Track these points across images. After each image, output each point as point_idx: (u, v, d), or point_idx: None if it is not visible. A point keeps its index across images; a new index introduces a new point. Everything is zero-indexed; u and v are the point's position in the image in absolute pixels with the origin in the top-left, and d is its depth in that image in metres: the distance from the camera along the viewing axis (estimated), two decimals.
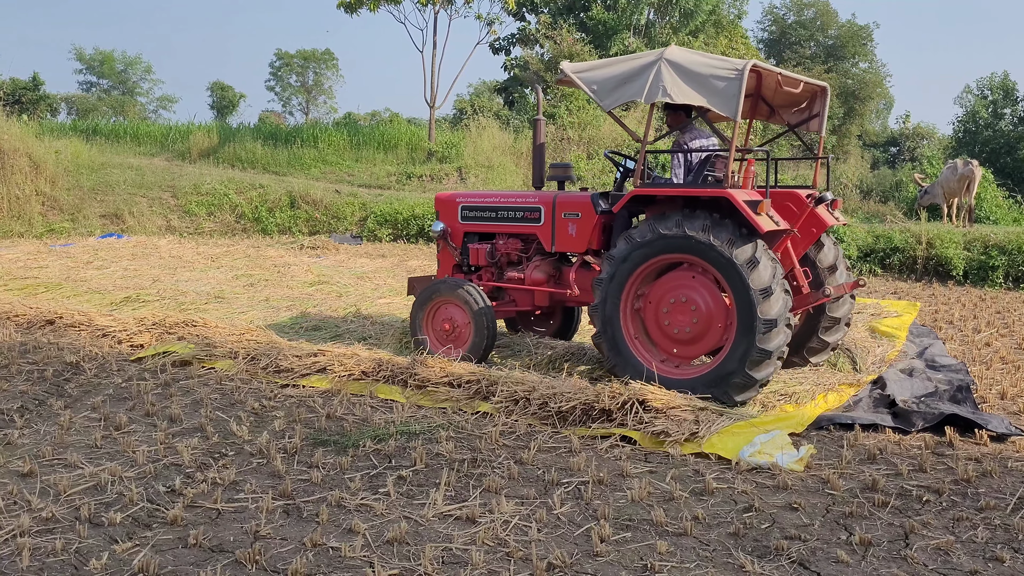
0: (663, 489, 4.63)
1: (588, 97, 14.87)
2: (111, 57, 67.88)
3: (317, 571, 3.61)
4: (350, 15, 26.40)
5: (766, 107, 7.67)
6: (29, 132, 22.51)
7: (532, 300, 7.84)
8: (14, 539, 3.82)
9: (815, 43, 50.89)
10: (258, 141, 27.53)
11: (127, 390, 6.44)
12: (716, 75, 6.35)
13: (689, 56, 6.59)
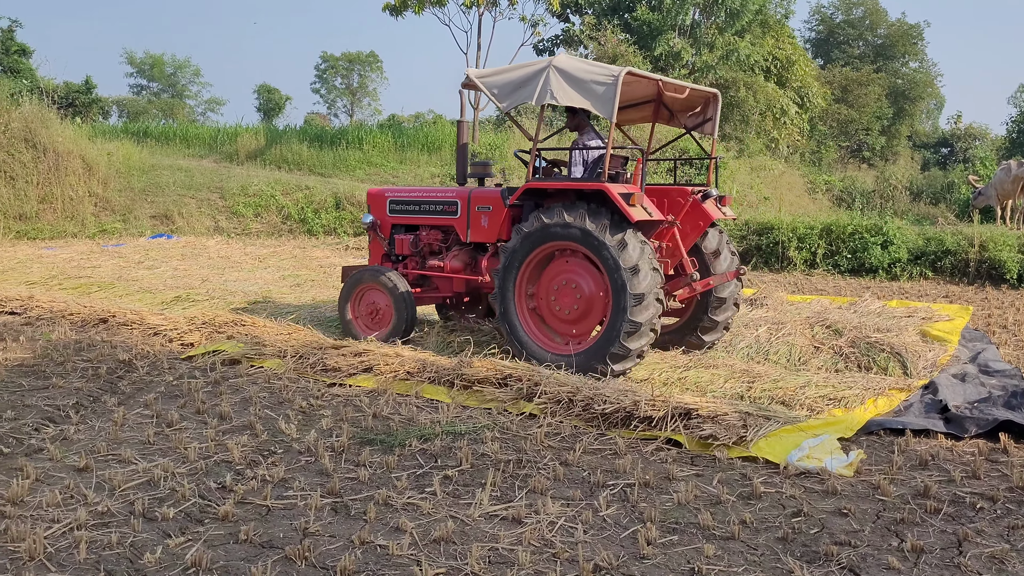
0: (710, 492, 4.60)
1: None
2: (161, 61, 69.12)
3: (365, 568, 3.65)
4: (395, 17, 26.58)
5: (666, 111, 8.38)
6: (82, 135, 23.03)
7: (452, 287, 8.51)
8: (71, 532, 3.91)
9: (864, 42, 50.20)
10: (304, 143, 27.86)
11: (178, 388, 6.55)
12: (596, 80, 7.00)
13: (574, 63, 7.21)
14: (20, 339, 8.02)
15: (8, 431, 5.36)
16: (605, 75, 7.00)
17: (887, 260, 15.36)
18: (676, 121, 8.54)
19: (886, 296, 12.62)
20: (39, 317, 9.25)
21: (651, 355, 7.50)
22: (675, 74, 28.85)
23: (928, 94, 51.00)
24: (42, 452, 5.03)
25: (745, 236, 16.82)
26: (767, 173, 28.91)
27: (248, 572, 3.55)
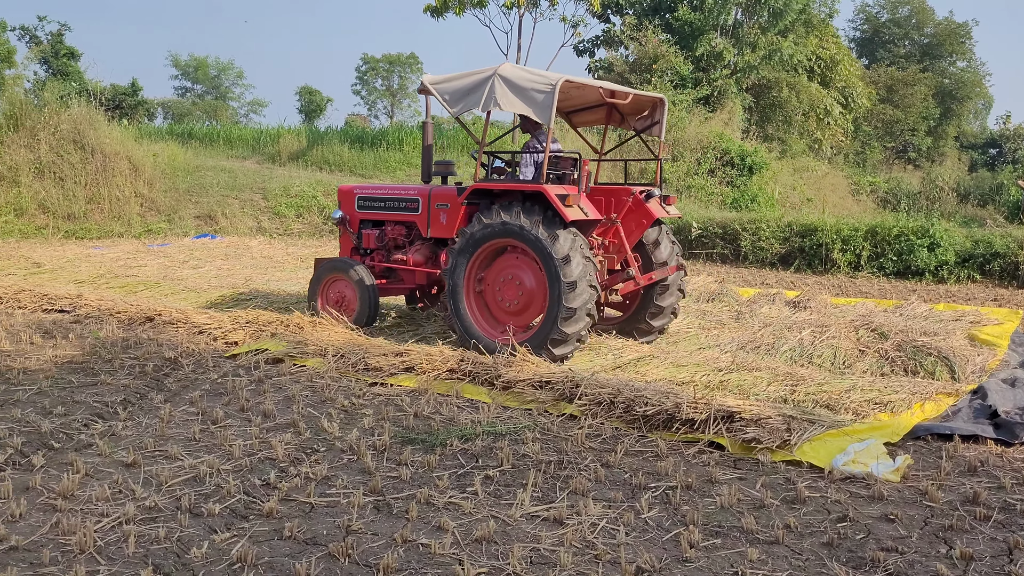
0: (753, 496, 4.56)
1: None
2: (205, 63, 70.11)
3: (408, 567, 3.67)
4: (436, 19, 26.70)
5: (618, 115, 8.96)
6: (129, 136, 23.42)
7: (415, 279, 9.08)
8: (120, 526, 3.98)
9: (910, 41, 49.45)
10: (345, 144, 28.09)
11: (223, 386, 6.64)
12: (536, 88, 7.48)
13: (518, 72, 7.69)
14: (69, 336, 8.18)
15: (59, 426, 5.47)
16: (544, 83, 7.47)
17: (934, 263, 15.10)
18: (627, 124, 9.09)
19: (933, 299, 12.42)
20: (87, 315, 9.43)
21: (692, 358, 7.45)
22: (717, 75, 28.62)
23: (976, 94, 50.10)
24: (91, 447, 5.12)
25: (788, 238, 16.65)
26: (810, 174, 28.60)
27: (292, 568, 3.58)
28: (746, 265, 16.92)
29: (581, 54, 32.68)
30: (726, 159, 24.23)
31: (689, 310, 9.99)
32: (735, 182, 23.85)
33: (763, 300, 10.67)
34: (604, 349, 7.83)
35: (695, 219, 17.97)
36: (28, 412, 5.76)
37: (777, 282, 14.50)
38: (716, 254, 17.46)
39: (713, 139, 24.41)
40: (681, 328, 8.92)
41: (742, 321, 9.34)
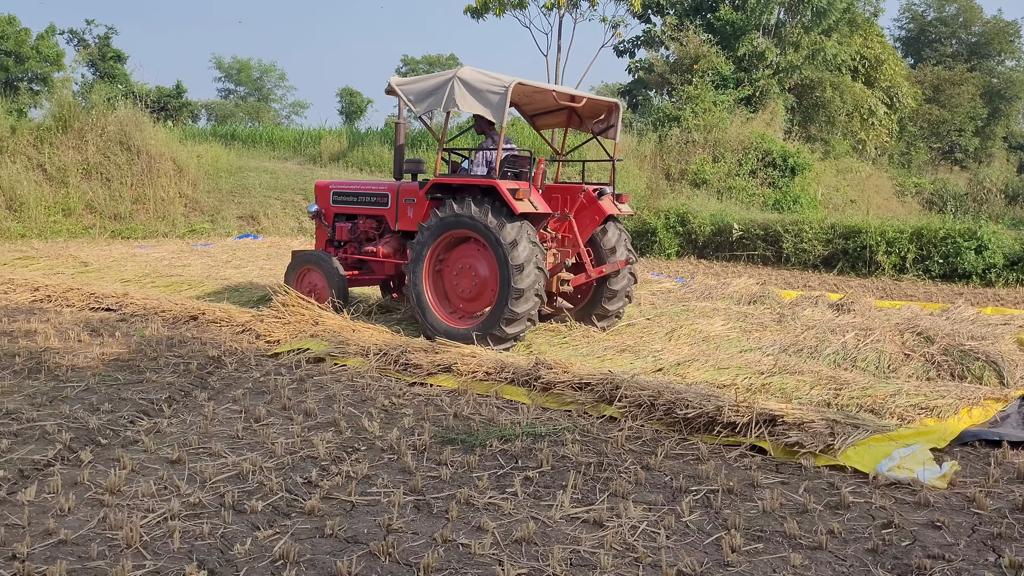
0: (796, 501, 4.50)
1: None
2: (248, 65, 70.94)
3: (448, 566, 3.67)
4: (476, 20, 26.76)
5: (577, 118, 9.57)
6: (173, 137, 23.78)
7: (384, 270, 9.68)
8: (165, 522, 4.04)
9: (957, 40, 48.60)
10: (385, 145, 28.26)
11: (265, 384, 6.71)
12: (490, 90, 8.06)
13: (474, 75, 8.19)
14: (116, 334, 8.33)
15: (106, 423, 5.57)
16: (498, 86, 8.05)
17: (981, 266, 14.83)
18: (585, 127, 9.66)
19: (980, 303, 12.19)
20: (133, 313, 9.58)
21: (733, 361, 7.39)
22: (759, 75, 28.35)
23: None
24: (137, 444, 5.21)
25: (831, 240, 16.44)
26: (854, 175, 28.23)
27: (333, 566, 3.61)
28: (788, 267, 16.75)
29: (621, 55, 32.58)
30: (768, 160, 24.00)
31: (730, 312, 9.91)
32: (777, 183, 23.61)
33: (806, 303, 10.55)
34: (644, 351, 7.79)
35: (736, 220, 17.83)
36: (76, 408, 5.87)
37: (820, 284, 14.33)
38: (757, 256, 17.30)
39: (755, 140, 24.19)
40: (722, 331, 8.85)
41: (784, 324, 9.25)
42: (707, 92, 25.63)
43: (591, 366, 6.98)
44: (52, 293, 10.52)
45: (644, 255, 18.50)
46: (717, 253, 17.98)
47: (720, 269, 16.30)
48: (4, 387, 6.39)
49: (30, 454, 4.95)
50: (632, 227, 18.86)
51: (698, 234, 18.23)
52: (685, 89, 26.20)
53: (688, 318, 9.50)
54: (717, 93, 26.09)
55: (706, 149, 24.11)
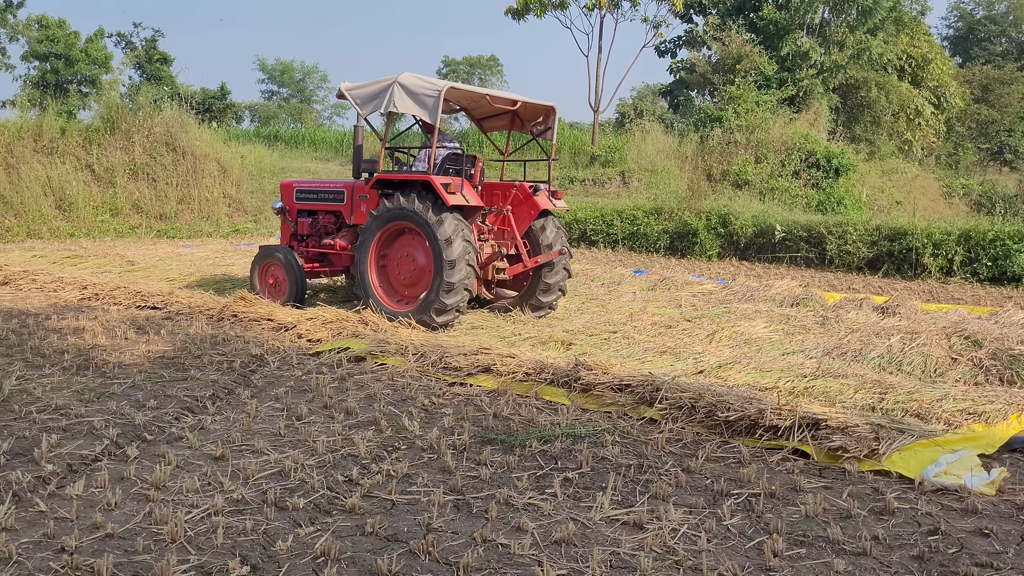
0: (840, 506, 4.44)
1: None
2: (291, 67, 71.74)
3: (487, 566, 3.68)
4: (517, 21, 26.80)
5: (519, 121, 10.39)
6: (218, 138, 24.13)
7: (342, 261, 10.48)
8: (209, 517, 4.09)
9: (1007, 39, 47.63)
10: None
11: (307, 383, 6.77)
12: (426, 94, 8.89)
13: (413, 80, 9.02)
14: (161, 332, 8.46)
15: (151, 419, 5.66)
16: (432, 90, 8.88)
17: None
18: (525, 129, 10.52)
19: None
20: (178, 312, 9.73)
21: (776, 363, 7.31)
22: (802, 74, 28.02)
23: None
24: (182, 440, 5.28)
25: (876, 242, 16.20)
26: (899, 176, 27.78)
27: (374, 564, 3.63)
28: (832, 269, 16.53)
29: (663, 55, 32.43)
30: (811, 161, 23.71)
31: (773, 315, 9.81)
32: (821, 184, 23.32)
33: (850, 305, 10.41)
34: (685, 353, 7.73)
35: (778, 221, 17.64)
36: (123, 405, 5.98)
37: (864, 287, 14.13)
38: (800, 258, 17.10)
39: (798, 140, 23.91)
40: (764, 333, 8.76)
41: (828, 326, 9.13)
42: (750, 92, 25.40)
43: (631, 368, 6.94)
44: (100, 291, 10.72)
45: (684, 256, 18.38)
46: (759, 255, 17.80)
47: (762, 271, 16.14)
48: (54, 383, 6.52)
49: (78, 449, 5.04)
50: (673, 228, 18.76)
51: (740, 235, 18.07)
52: (727, 89, 25.99)
53: (729, 320, 9.42)
54: (760, 93, 25.85)
55: (748, 150, 23.89)
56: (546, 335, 8.52)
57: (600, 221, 19.80)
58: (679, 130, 28.40)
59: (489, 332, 8.84)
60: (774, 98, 26.15)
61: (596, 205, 20.81)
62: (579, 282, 12.71)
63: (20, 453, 4.95)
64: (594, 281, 12.74)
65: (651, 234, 19.05)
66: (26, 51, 43.30)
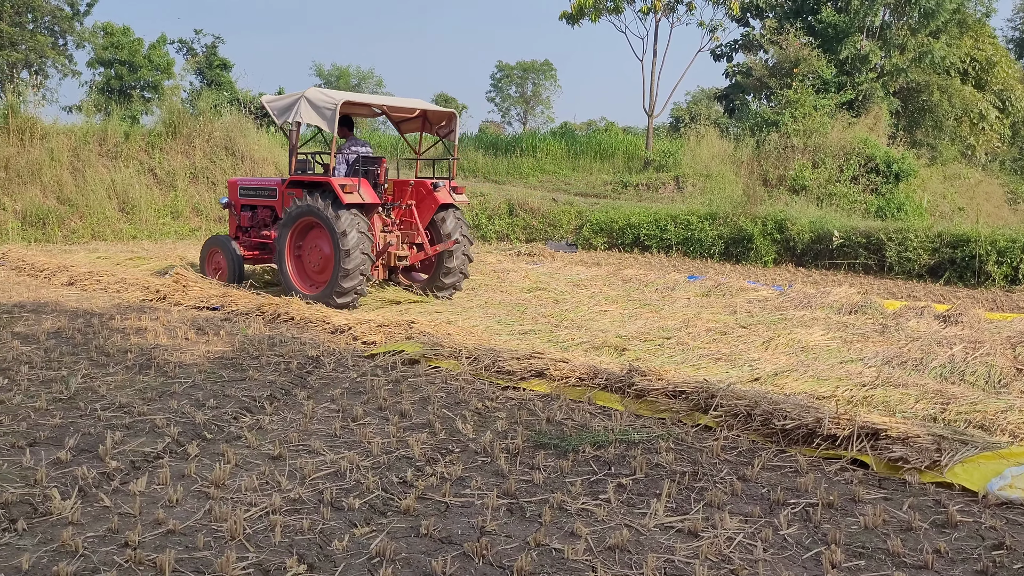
0: (900, 518, 4.35)
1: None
2: (346, 72, 72.54)
3: (541, 570, 3.68)
4: (571, 26, 26.77)
5: (429, 124, 12.00)
6: (275, 143, 24.49)
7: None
8: (267, 516, 4.16)
9: None
10: (479, 150, 28.51)
11: (362, 385, 6.84)
12: (326, 106, 10.37)
13: (317, 94, 10.59)
14: (220, 333, 8.62)
15: (211, 418, 5.77)
16: (330, 103, 10.35)
17: None
18: (433, 131, 12.04)
19: None
20: (236, 312, 9.91)
21: (834, 372, 7.19)
22: (862, 78, 27.54)
23: None
24: (240, 439, 5.38)
25: (937, 248, 15.84)
26: (962, 182, 27.14)
27: (429, 566, 3.66)
28: (891, 276, 16.20)
29: (718, 59, 32.13)
30: (871, 166, 23.28)
31: (830, 322, 9.65)
32: (880, 189, 22.88)
33: (910, 313, 10.20)
34: (740, 360, 7.65)
35: (836, 227, 17.35)
36: (184, 404, 6.11)
37: (925, 295, 13.83)
38: (859, 264, 16.80)
39: (857, 145, 23.49)
40: (822, 341, 8.63)
41: (887, 335, 8.96)
42: (807, 96, 25.04)
43: (685, 374, 6.89)
44: (161, 292, 10.96)
45: (740, 262, 18.17)
46: (816, 261, 17.53)
47: (819, 277, 15.88)
48: (117, 382, 6.69)
49: (141, 446, 5.17)
50: (728, 233, 18.58)
51: (796, 241, 17.81)
52: (784, 93, 25.65)
53: (786, 327, 9.29)
54: (818, 97, 25.46)
55: (805, 154, 23.53)
56: (599, 340, 8.50)
57: (654, 226, 19.67)
58: (735, 134, 28.06)
59: (542, 337, 8.84)
60: (832, 102, 25.73)
61: (650, 210, 20.68)
62: (632, 287, 12.65)
63: (86, 449, 5.09)
64: (648, 286, 12.66)
65: (706, 239, 18.87)
66: (92, 58, 44.50)
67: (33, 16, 42.94)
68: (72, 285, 12.12)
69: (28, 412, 5.80)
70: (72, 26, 44.62)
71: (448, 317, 9.76)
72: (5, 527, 3.98)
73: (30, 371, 6.95)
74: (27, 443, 5.17)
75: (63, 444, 5.14)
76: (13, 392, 6.29)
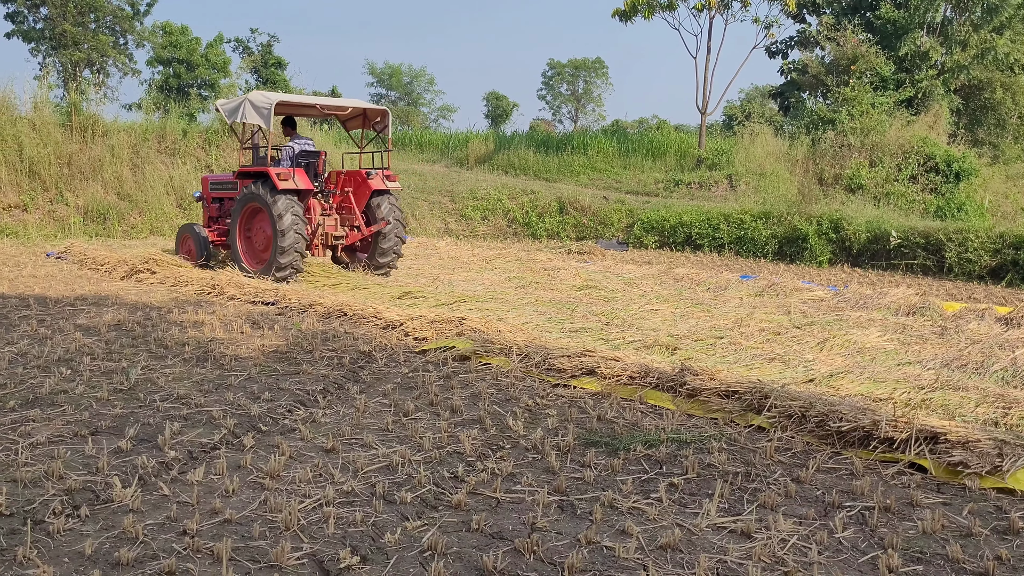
0: (959, 524, 4.26)
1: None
2: (399, 71, 73.09)
3: (592, 568, 3.67)
4: (624, 23, 26.63)
5: (368, 121, 13.75)
6: (329, 140, 24.78)
7: None
8: (321, 508, 4.21)
9: None
10: (530, 149, 28.51)
11: (413, 380, 6.89)
12: (264, 107, 12.15)
13: (257, 96, 12.33)
14: (275, 327, 8.75)
15: (266, 411, 5.86)
16: (266, 103, 12.13)
17: None
18: (371, 127, 13.79)
19: None
20: (290, 308, 10.05)
21: (891, 374, 7.06)
22: (922, 75, 26.97)
23: None
24: (294, 432, 5.45)
25: (999, 250, 15.47)
26: None
27: (480, 560, 3.67)
28: (951, 278, 15.87)
29: (773, 56, 31.71)
30: (930, 165, 22.81)
31: (887, 324, 9.48)
32: (940, 189, 22.41)
33: (970, 316, 9.97)
34: (794, 361, 7.55)
35: (894, 227, 17.03)
36: (239, 396, 6.21)
37: (986, 297, 13.51)
38: (917, 265, 16.47)
39: (916, 144, 23.03)
40: (878, 343, 8.48)
41: (946, 337, 8.77)
42: (865, 94, 24.61)
43: (738, 374, 6.82)
44: (217, 286, 11.16)
45: (794, 262, 17.94)
46: (872, 261, 17.23)
47: (876, 278, 15.61)
48: (175, 374, 6.83)
49: (198, 437, 5.27)
50: (782, 233, 18.35)
51: (852, 241, 17.53)
52: (841, 91, 25.24)
53: (841, 328, 9.15)
54: (876, 95, 25.01)
55: (862, 153, 23.13)
56: (651, 339, 8.45)
57: (706, 225, 19.51)
58: (789, 133, 27.69)
59: (592, 335, 8.82)
60: (891, 100, 25.26)
61: (702, 209, 20.51)
62: (684, 287, 12.55)
63: (145, 439, 5.21)
64: (700, 286, 12.56)
65: (759, 239, 18.67)
66: (151, 56, 45.44)
67: (95, 16, 44.00)
68: (132, 278, 12.40)
69: (90, 402, 5.96)
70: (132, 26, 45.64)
71: (498, 315, 9.78)
72: (69, 513, 4.08)
73: (92, 362, 7.13)
74: (89, 432, 5.30)
75: (123, 433, 5.26)
76: (76, 382, 6.46)
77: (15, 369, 6.84)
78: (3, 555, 3.64)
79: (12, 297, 10.35)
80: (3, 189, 18.83)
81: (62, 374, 6.69)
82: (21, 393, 6.13)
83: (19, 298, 10.28)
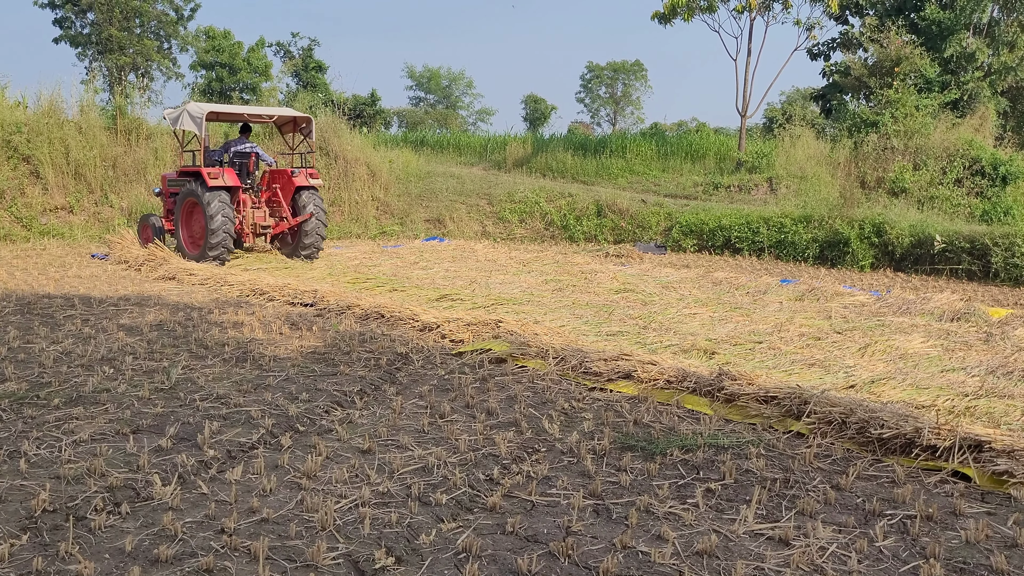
0: (1004, 534, 4.16)
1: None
2: (437, 74, 73.38)
3: (627, 572, 3.65)
4: (663, 26, 26.51)
5: (297, 126, 16.09)
6: (367, 143, 24.97)
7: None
8: (357, 508, 4.24)
9: None
10: (568, 151, 28.45)
11: (449, 382, 6.91)
12: (197, 116, 14.16)
13: (193, 106, 14.37)
14: (313, 328, 8.82)
15: (303, 411, 5.91)
16: (199, 113, 14.15)
17: None
18: (300, 131, 16.14)
19: None
20: (328, 309, 10.12)
21: (934, 380, 6.94)
22: (967, 77, 26.50)
23: None
24: (331, 433, 5.49)
25: None
26: None
27: (514, 563, 3.66)
28: (997, 283, 15.56)
29: (815, 58, 31.31)
30: (976, 168, 22.37)
31: (931, 329, 9.31)
32: (986, 193, 21.97)
33: (1017, 322, 9.76)
34: (835, 366, 7.44)
35: (938, 231, 16.75)
36: (277, 396, 6.27)
37: None
38: (962, 270, 16.18)
39: (961, 146, 22.60)
40: (921, 348, 8.33)
41: (992, 344, 8.59)
42: (909, 96, 24.22)
43: (777, 379, 6.74)
44: (257, 288, 11.27)
45: (835, 266, 17.71)
46: (916, 266, 16.95)
47: (919, 283, 15.35)
48: (215, 373, 6.91)
49: (237, 436, 5.32)
50: (823, 236, 18.14)
51: (895, 245, 17.26)
52: (884, 93, 24.86)
53: (883, 333, 9.01)
54: (920, 97, 24.60)
55: (906, 156, 22.76)
56: (688, 343, 8.38)
57: (746, 228, 19.33)
58: (831, 135, 27.34)
59: (629, 338, 8.78)
60: (936, 102, 24.83)
61: (741, 212, 20.32)
62: (722, 290, 12.44)
63: (185, 438, 5.28)
64: (739, 290, 12.44)
65: (799, 242, 18.45)
66: (194, 60, 46.10)
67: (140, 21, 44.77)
68: (172, 279, 12.58)
69: (132, 400, 6.05)
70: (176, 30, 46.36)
71: (535, 317, 9.77)
72: (110, 510, 4.15)
73: (134, 361, 7.24)
74: (131, 430, 5.39)
75: (164, 432, 5.33)
76: (118, 381, 6.56)
77: (60, 367, 6.97)
78: (46, 550, 3.71)
79: (58, 297, 10.55)
80: (50, 191, 19.22)
81: (105, 373, 6.81)
82: (65, 391, 6.25)
83: (64, 298, 10.47)
